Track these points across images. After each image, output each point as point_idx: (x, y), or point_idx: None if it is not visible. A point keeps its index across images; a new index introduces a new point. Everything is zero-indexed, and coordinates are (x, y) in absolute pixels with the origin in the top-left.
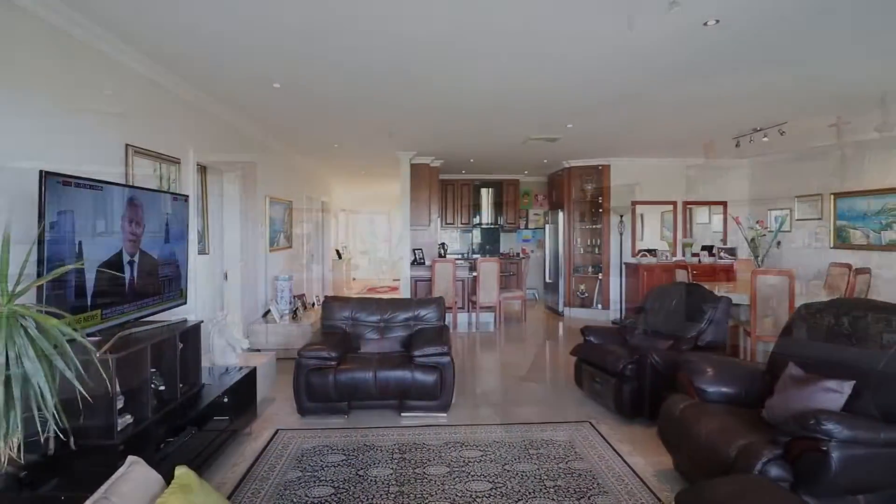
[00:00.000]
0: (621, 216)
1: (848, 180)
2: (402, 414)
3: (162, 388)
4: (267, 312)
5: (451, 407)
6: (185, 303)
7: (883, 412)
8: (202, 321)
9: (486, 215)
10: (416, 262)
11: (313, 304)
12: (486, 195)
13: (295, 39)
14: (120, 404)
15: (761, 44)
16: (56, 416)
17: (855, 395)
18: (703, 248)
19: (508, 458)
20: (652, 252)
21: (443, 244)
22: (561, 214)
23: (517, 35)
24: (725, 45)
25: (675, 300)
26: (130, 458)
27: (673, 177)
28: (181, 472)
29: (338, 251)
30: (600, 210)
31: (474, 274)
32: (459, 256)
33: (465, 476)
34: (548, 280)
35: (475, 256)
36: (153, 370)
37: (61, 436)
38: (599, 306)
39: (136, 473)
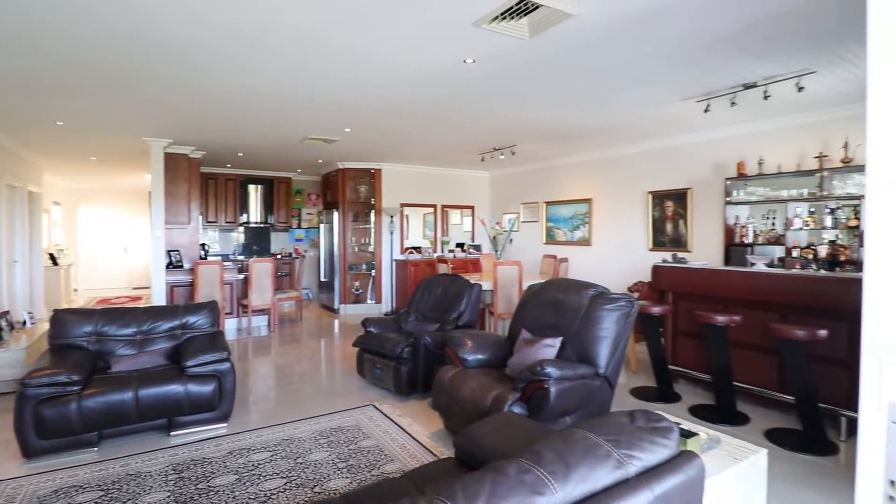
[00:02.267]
0: (391, 217)
1: (554, 192)
2: (172, 433)
3: None
4: None
5: (231, 416)
6: None
7: (578, 356)
8: None
9: (255, 214)
10: (173, 266)
11: (24, 324)
12: (255, 192)
13: None
14: None
15: (502, 84)
16: None
17: (563, 347)
18: (457, 244)
19: (300, 451)
20: (417, 249)
21: (203, 245)
22: (336, 214)
23: (309, 37)
24: (479, 80)
25: (440, 289)
26: None
27: (434, 183)
28: None
29: (52, 256)
30: (373, 210)
31: (245, 276)
32: (222, 258)
33: (257, 478)
34: (323, 279)
35: (240, 257)
36: None
37: None
38: (373, 301)
39: None
